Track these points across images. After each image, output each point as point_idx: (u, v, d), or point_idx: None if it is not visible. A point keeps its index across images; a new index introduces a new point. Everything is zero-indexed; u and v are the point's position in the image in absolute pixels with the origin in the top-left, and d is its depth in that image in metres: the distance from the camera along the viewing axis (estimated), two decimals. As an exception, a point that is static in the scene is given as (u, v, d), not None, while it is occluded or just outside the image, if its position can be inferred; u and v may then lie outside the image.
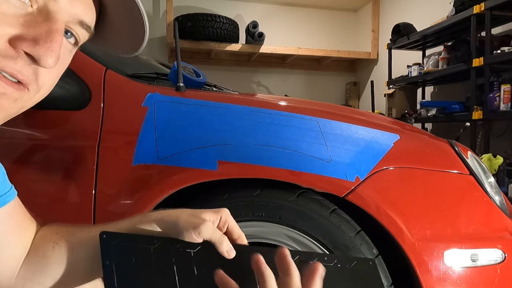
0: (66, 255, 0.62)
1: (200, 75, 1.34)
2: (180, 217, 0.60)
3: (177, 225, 0.59)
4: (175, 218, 0.61)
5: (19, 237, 0.64)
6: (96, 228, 0.62)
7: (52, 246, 0.63)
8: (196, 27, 4.33)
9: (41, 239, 0.65)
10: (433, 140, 1.12)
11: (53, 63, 0.45)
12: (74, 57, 0.59)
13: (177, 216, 0.61)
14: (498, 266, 0.97)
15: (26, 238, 0.65)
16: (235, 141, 1.02)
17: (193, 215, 0.61)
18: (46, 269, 0.62)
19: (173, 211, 0.63)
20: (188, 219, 0.60)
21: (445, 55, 3.43)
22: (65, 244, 0.63)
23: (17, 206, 0.64)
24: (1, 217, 0.61)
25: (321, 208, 1.00)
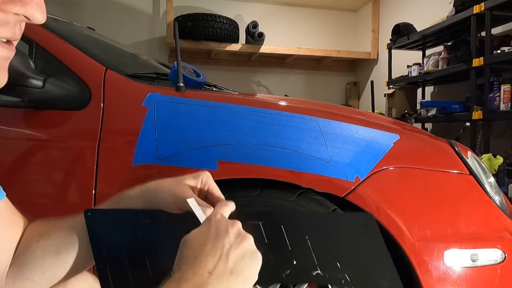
0: (51, 247, 0.62)
1: (200, 75, 1.34)
2: (160, 190, 0.61)
3: (159, 197, 0.60)
4: (154, 191, 0.61)
5: (8, 234, 0.64)
6: (79, 215, 0.63)
7: (36, 239, 0.63)
8: (196, 27, 4.33)
9: (26, 234, 0.66)
10: (433, 140, 1.12)
11: (45, 17, 0.48)
12: (74, 57, 0.60)
13: (156, 189, 0.62)
14: (498, 266, 0.97)
15: (15, 235, 0.65)
16: (235, 141, 1.02)
17: (173, 184, 0.61)
18: (32, 264, 0.62)
19: (152, 183, 0.63)
20: (169, 191, 0.60)
21: (445, 55, 3.43)
22: (48, 236, 0.63)
23: (6, 207, 0.64)
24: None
25: (321, 208, 1.00)
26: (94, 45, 1.44)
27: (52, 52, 1.14)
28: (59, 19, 1.52)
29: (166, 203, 0.60)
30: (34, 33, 1.16)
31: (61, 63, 1.12)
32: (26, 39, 1.15)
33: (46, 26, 1.20)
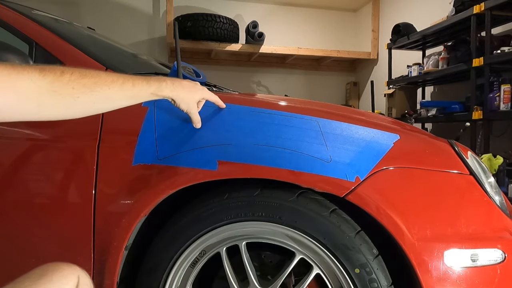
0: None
1: (200, 75, 1.34)
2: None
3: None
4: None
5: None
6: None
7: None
8: (196, 27, 4.33)
9: None
10: (433, 140, 1.12)
11: None
12: (73, 56, 0.61)
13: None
14: (498, 266, 0.97)
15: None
16: (235, 141, 1.02)
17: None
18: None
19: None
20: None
21: (445, 55, 3.43)
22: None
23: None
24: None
25: (321, 208, 1.00)
26: (94, 45, 1.44)
27: (52, 52, 1.14)
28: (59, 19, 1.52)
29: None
30: (34, 33, 1.17)
31: (61, 63, 1.12)
32: (26, 39, 1.15)
33: (46, 26, 1.20)
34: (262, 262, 1.14)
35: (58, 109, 0.71)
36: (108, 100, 0.78)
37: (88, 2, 4.63)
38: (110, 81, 0.76)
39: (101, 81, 0.75)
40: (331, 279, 1.01)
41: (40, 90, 0.66)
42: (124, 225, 1.03)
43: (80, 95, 0.71)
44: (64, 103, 0.70)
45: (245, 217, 1.02)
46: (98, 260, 1.06)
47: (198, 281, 1.13)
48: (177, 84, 0.92)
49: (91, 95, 0.73)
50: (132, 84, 0.81)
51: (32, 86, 0.65)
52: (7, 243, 1.10)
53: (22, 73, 0.65)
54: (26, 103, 0.66)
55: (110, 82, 0.76)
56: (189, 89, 0.95)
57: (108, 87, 0.76)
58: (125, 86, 0.79)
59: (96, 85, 0.74)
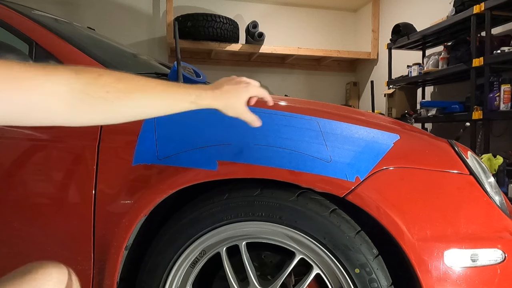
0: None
1: (200, 75, 1.34)
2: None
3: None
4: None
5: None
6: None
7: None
8: (196, 27, 4.33)
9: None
10: (433, 140, 1.12)
11: None
12: (74, 57, 0.60)
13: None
14: (498, 266, 0.97)
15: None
16: (235, 141, 1.02)
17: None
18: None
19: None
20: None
21: (445, 55, 3.43)
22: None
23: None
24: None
25: (321, 208, 1.00)
26: (94, 45, 1.44)
27: (52, 52, 1.14)
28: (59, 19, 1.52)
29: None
30: (34, 33, 1.17)
31: (61, 63, 1.12)
32: (26, 39, 1.15)
33: (46, 26, 1.20)
34: (262, 262, 1.14)
35: (92, 114, 0.66)
36: (145, 107, 0.73)
37: (88, 2, 4.63)
38: (148, 87, 0.72)
39: (138, 87, 0.71)
40: (331, 279, 1.01)
41: (73, 93, 0.62)
42: (124, 225, 1.03)
43: (115, 100, 0.67)
44: (98, 108, 0.66)
45: (245, 217, 1.02)
46: (98, 260, 1.06)
47: (198, 281, 1.13)
48: (217, 92, 0.83)
49: (127, 101, 0.69)
50: (170, 92, 0.76)
51: (64, 88, 0.61)
52: (7, 243, 1.10)
53: (53, 74, 0.61)
54: (56, 106, 0.61)
55: (148, 89, 0.72)
56: (232, 93, 0.86)
57: (145, 94, 0.71)
58: (163, 94, 0.74)
59: (133, 91, 0.69)
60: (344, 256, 0.97)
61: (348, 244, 0.97)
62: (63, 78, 0.61)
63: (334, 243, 0.98)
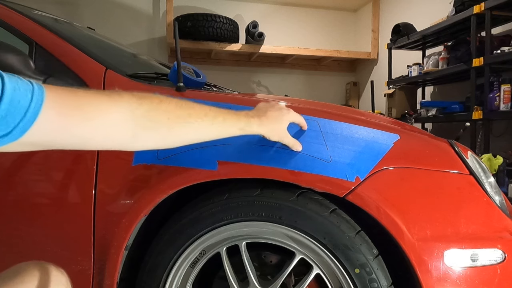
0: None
1: (200, 75, 1.34)
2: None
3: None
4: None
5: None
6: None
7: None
8: (196, 27, 4.33)
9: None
10: (433, 140, 1.12)
11: None
12: (74, 57, 0.60)
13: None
14: (498, 266, 0.97)
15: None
16: (235, 141, 1.02)
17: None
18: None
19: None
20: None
21: (445, 55, 3.43)
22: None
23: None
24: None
25: (321, 208, 1.00)
26: (94, 45, 1.44)
27: (52, 52, 1.14)
28: (59, 19, 1.52)
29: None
30: (34, 33, 1.17)
31: (61, 63, 1.12)
32: (26, 39, 1.15)
33: (46, 26, 1.20)
34: (262, 262, 1.14)
35: (153, 139, 0.69)
36: (199, 132, 0.77)
37: (88, 2, 4.63)
38: (203, 114, 0.76)
39: (195, 113, 0.75)
40: (331, 279, 1.01)
41: (135, 119, 0.65)
42: (124, 225, 1.03)
43: (175, 125, 0.71)
44: (159, 133, 0.69)
45: (245, 217, 1.02)
46: (98, 260, 1.06)
47: (198, 281, 1.13)
48: (263, 119, 0.89)
49: (185, 127, 0.73)
50: (223, 118, 0.80)
51: (127, 115, 0.64)
52: (7, 243, 1.10)
53: (117, 101, 0.63)
54: (119, 132, 0.64)
55: (203, 115, 0.76)
56: (276, 120, 0.92)
57: (201, 120, 0.75)
58: (217, 120, 0.79)
59: (190, 117, 0.73)
60: (344, 256, 0.97)
61: (348, 244, 0.97)
62: (126, 104, 0.63)
63: (334, 243, 0.98)
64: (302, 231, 0.99)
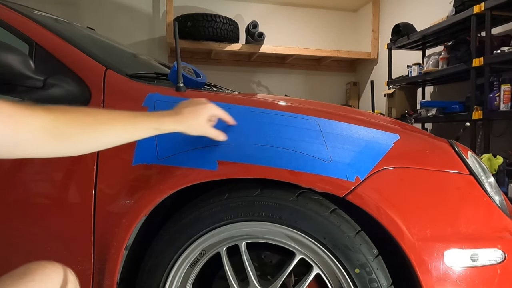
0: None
1: (200, 75, 1.34)
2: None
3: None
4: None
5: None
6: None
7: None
8: (196, 27, 4.33)
9: None
10: (433, 140, 1.12)
11: None
12: (74, 57, 0.62)
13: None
14: (498, 266, 0.97)
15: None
16: (235, 141, 1.02)
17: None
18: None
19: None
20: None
21: (445, 55, 3.43)
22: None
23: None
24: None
25: (321, 208, 1.00)
26: (94, 45, 1.44)
27: (52, 52, 1.14)
28: (59, 19, 1.52)
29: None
30: (34, 33, 1.16)
31: (61, 63, 1.12)
32: (26, 39, 1.15)
33: (46, 26, 1.20)
34: (262, 262, 1.14)
35: (61, 146, 0.72)
36: (110, 137, 0.80)
37: (88, 2, 4.63)
38: (111, 118, 0.79)
39: (102, 119, 0.78)
40: (331, 279, 1.01)
41: (44, 128, 0.68)
42: (124, 225, 1.03)
43: (82, 133, 0.74)
44: (67, 141, 0.72)
45: (245, 217, 1.02)
46: (98, 260, 1.06)
47: (198, 281, 1.13)
48: (178, 116, 0.91)
49: (93, 133, 0.76)
50: (134, 121, 0.83)
51: (36, 125, 0.67)
52: (7, 243, 1.10)
53: (26, 113, 0.67)
54: (30, 141, 0.67)
55: (111, 120, 0.79)
56: (192, 114, 0.93)
57: (109, 125, 0.78)
58: (126, 124, 0.82)
59: (98, 123, 0.76)
60: (344, 256, 0.97)
61: (348, 244, 0.97)
62: (36, 116, 0.68)
63: (334, 243, 0.98)
64: (302, 231, 0.99)
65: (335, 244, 0.98)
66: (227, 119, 1.03)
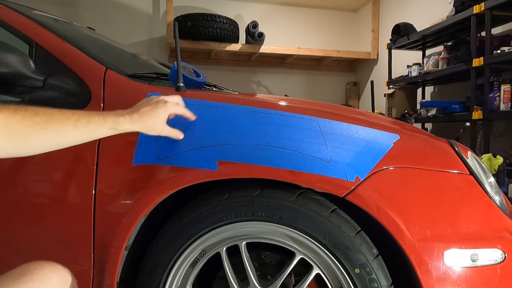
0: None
1: (200, 75, 1.34)
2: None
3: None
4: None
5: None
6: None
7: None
8: (196, 27, 4.33)
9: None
10: (433, 140, 1.12)
11: None
12: (74, 57, 0.62)
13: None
14: (498, 266, 0.97)
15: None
16: (235, 141, 1.02)
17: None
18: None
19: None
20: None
21: (445, 55, 3.43)
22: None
23: None
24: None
25: (321, 208, 1.00)
26: (94, 45, 1.44)
27: (52, 52, 1.14)
28: (59, 19, 1.52)
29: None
30: (34, 33, 1.16)
31: (61, 63, 1.12)
32: (26, 39, 1.15)
33: (46, 26, 1.20)
34: (262, 262, 1.14)
35: (13, 146, 0.72)
36: (62, 137, 0.79)
37: (88, 2, 4.63)
38: (64, 118, 0.78)
39: (53, 118, 0.77)
40: (331, 279, 1.01)
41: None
42: (124, 225, 1.03)
43: (33, 132, 0.73)
44: (18, 140, 0.72)
45: (245, 217, 1.02)
46: (98, 260, 1.06)
47: (198, 281, 1.13)
48: (135, 116, 0.90)
49: (44, 133, 0.75)
50: (87, 121, 0.82)
51: None
52: (7, 243, 1.10)
53: None
54: None
55: (64, 120, 0.78)
56: (150, 114, 0.92)
57: (61, 125, 0.77)
58: (79, 123, 0.80)
59: (48, 123, 0.76)
60: (344, 256, 0.97)
61: (348, 244, 0.97)
62: None
63: (334, 243, 0.98)
64: (302, 231, 0.99)
65: (335, 244, 0.98)
66: (188, 115, 1.02)
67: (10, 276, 0.66)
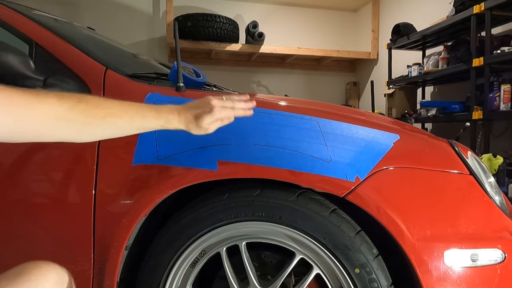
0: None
1: (200, 75, 1.34)
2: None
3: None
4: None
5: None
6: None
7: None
8: (196, 27, 4.33)
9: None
10: (433, 140, 1.12)
11: None
12: (74, 57, 0.63)
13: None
14: (498, 266, 0.97)
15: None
16: (235, 141, 1.02)
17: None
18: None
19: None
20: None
21: (445, 55, 3.43)
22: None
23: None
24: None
25: (321, 208, 1.00)
26: (94, 45, 1.44)
27: (52, 52, 1.14)
28: (59, 19, 1.52)
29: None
30: (34, 33, 1.17)
31: (61, 63, 1.12)
32: (26, 39, 1.15)
33: (46, 26, 1.20)
34: (262, 262, 1.14)
35: (70, 134, 0.76)
36: (117, 129, 0.83)
37: (88, 2, 4.63)
38: (122, 112, 0.82)
39: (113, 112, 0.81)
40: (331, 279, 1.01)
41: (57, 116, 0.72)
42: (124, 225, 1.03)
43: (92, 123, 0.77)
44: (76, 129, 0.76)
45: (245, 217, 1.02)
46: (98, 260, 1.06)
47: (198, 281, 1.13)
48: (182, 116, 0.91)
49: (102, 124, 0.79)
50: (142, 116, 0.85)
51: (50, 113, 0.71)
52: (7, 243, 1.10)
53: (41, 101, 0.70)
54: (43, 128, 0.71)
55: (122, 113, 0.82)
56: (197, 119, 0.92)
57: (119, 118, 0.81)
58: (135, 117, 0.84)
59: (108, 115, 0.79)
60: (344, 256, 0.97)
61: (348, 244, 0.97)
62: (50, 103, 0.71)
63: (334, 243, 0.98)
64: (302, 231, 1.00)
65: (335, 244, 0.98)
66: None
67: (7, 276, 0.66)
